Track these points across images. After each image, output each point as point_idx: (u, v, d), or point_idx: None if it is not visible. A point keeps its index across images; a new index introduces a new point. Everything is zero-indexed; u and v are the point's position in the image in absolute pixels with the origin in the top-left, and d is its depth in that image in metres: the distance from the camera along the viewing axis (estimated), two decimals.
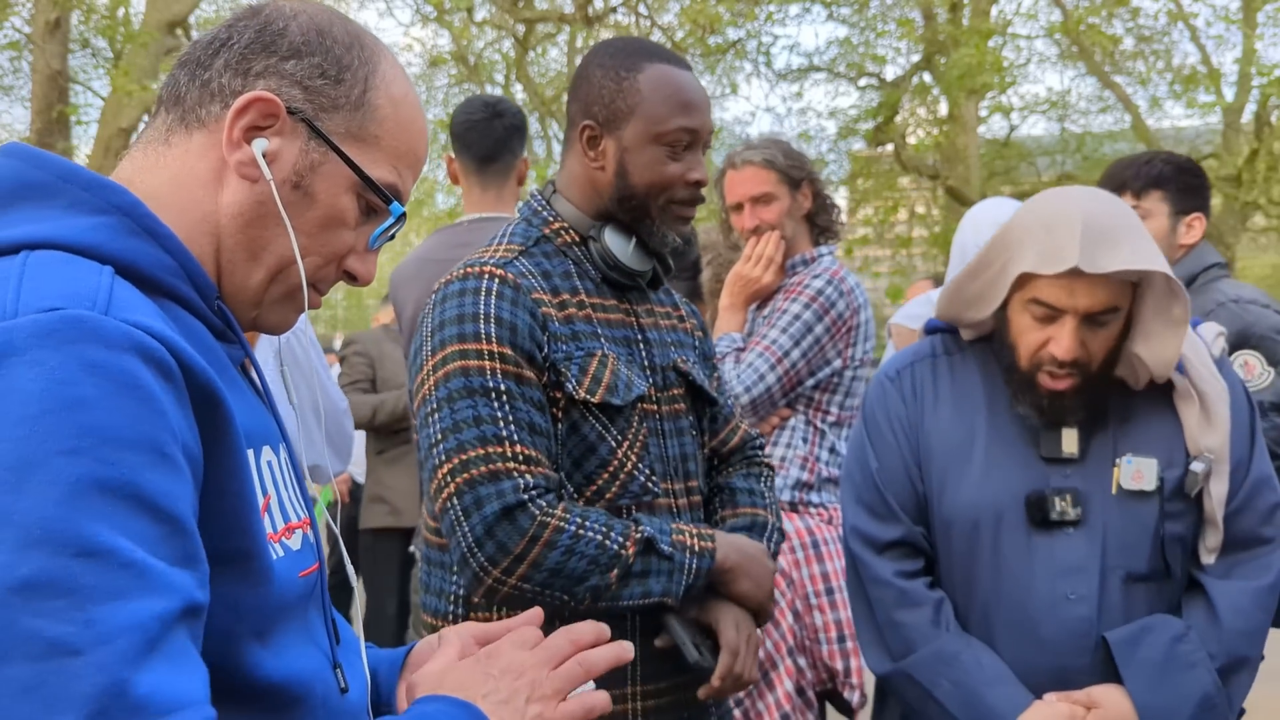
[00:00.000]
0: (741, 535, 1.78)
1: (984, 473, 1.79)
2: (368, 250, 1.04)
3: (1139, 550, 1.72)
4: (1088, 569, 1.71)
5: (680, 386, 1.80)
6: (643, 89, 1.69)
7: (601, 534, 1.59)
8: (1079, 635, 1.71)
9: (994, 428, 1.82)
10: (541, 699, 1.00)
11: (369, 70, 1.01)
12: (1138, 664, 1.66)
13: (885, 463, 1.87)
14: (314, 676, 0.96)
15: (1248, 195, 16.10)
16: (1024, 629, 1.73)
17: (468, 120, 2.77)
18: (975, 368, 1.88)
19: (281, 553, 0.94)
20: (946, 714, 1.74)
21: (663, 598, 1.63)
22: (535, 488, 1.57)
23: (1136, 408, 1.79)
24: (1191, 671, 1.66)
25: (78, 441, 0.76)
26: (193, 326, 0.94)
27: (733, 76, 16.51)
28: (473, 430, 1.57)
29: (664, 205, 1.71)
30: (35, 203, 0.90)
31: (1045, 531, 1.74)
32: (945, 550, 1.83)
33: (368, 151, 1.00)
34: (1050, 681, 1.72)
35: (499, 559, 1.56)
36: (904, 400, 1.89)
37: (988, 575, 1.77)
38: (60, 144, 11.75)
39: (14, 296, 0.80)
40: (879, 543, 1.85)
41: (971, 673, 1.72)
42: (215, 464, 0.87)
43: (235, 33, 0.99)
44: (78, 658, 0.72)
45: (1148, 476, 1.72)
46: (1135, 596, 1.72)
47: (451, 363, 1.60)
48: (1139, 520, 1.73)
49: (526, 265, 1.68)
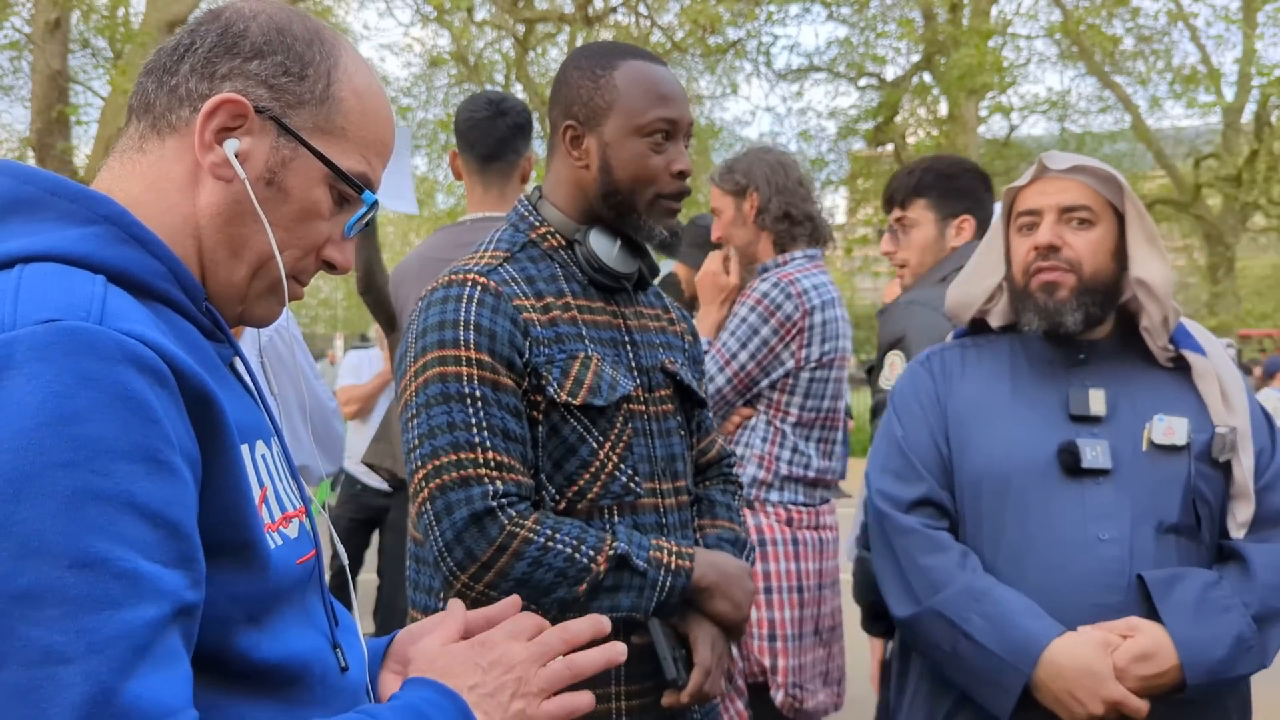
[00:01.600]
0: (724, 552, 1.79)
1: (1011, 430, 1.86)
2: (344, 239, 1.07)
3: (1169, 502, 1.77)
4: (1118, 515, 1.76)
5: (668, 387, 1.81)
6: (619, 84, 1.71)
7: (571, 547, 1.60)
8: (1111, 574, 1.74)
9: (1019, 393, 1.90)
10: (526, 696, 1.02)
11: (331, 64, 1.03)
12: (1174, 602, 1.70)
13: (910, 431, 1.94)
14: (311, 656, 0.99)
15: (1248, 195, 16.14)
16: (1056, 569, 1.76)
17: (471, 118, 2.75)
18: (1003, 349, 1.97)
19: (280, 541, 0.98)
20: (980, 649, 1.74)
21: (631, 613, 1.64)
22: (506, 495, 1.59)
23: (1160, 382, 1.88)
24: (1226, 614, 1.70)
25: (73, 454, 0.79)
26: (183, 328, 0.96)
27: (733, 76, 16.53)
28: (446, 436, 1.59)
29: (651, 199, 1.73)
30: (26, 217, 0.93)
31: (1075, 480, 1.79)
32: (973, 508, 1.86)
33: (336, 143, 1.03)
34: (1084, 617, 1.73)
35: (467, 565, 1.58)
36: (932, 378, 1.98)
37: (1016, 524, 1.81)
38: (60, 144, 11.77)
39: (11, 309, 0.83)
40: (903, 502, 1.89)
41: (1004, 605, 1.74)
42: (211, 462, 0.90)
43: (198, 38, 1.02)
44: (69, 666, 0.76)
45: (1179, 432, 1.80)
46: (1166, 546, 1.76)
47: (431, 369, 1.63)
48: (1169, 473, 1.78)
49: (510, 271, 1.70)
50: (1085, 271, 1.84)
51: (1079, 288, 1.84)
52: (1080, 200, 1.86)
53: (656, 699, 1.69)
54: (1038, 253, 1.85)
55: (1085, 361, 1.89)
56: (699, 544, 1.82)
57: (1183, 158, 18.05)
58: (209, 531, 0.88)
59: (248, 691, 0.93)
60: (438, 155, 16.87)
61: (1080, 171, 1.87)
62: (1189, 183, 17.24)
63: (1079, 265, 1.84)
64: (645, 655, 1.67)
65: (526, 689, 1.02)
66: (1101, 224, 1.86)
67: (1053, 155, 1.92)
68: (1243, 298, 19.41)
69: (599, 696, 1.64)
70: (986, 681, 1.75)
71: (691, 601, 1.70)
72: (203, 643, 0.88)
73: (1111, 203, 1.87)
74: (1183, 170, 17.64)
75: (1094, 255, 1.85)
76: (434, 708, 0.97)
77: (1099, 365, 1.88)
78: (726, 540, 1.84)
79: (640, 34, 15.29)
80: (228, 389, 0.97)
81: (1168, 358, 1.88)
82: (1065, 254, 1.84)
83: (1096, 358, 1.89)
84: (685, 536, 1.78)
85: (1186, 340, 1.88)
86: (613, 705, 1.67)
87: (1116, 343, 1.91)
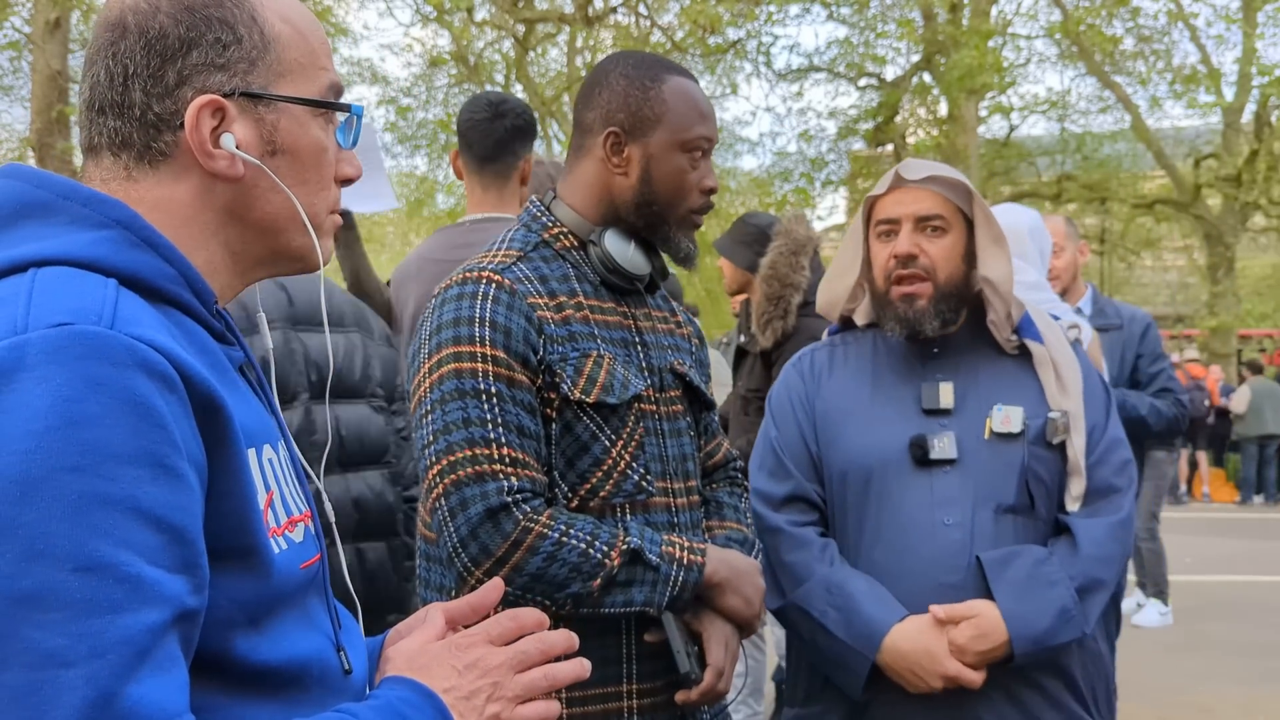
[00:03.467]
0: (735, 550, 1.80)
1: (870, 426, 2.03)
2: (344, 152, 1.09)
3: (1006, 485, 1.96)
4: (962, 500, 1.94)
5: (677, 388, 1.83)
6: (668, 99, 1.74)
7: (586, 542, 1.60)
8: (953, 555, 1.92)
9: (879, 390, 2.08)
10: (501, 700, 1.03)
11: (249, 10, 1.02)
12: (1006, 580, 1.89)
13: (783, 431, 2.11)
14: (311, 659, 0.99)
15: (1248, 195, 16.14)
16: (905, 552, 1.94)
17: (471, 119, 2.75)
18: (867, 346, 2.14)
19: (285, 546, 0.98)
20: (832, 638, 1.92)
21: (645, 607, 1.65)
22: (521, 490, 1.59)
23: (1004, 372, 2.06)
24: (1053, 589, 1.88)
25: (81, 458, 0.79)
26: (194, 332, 0.97)
27: (733, 76, 16.55)
28: (461, 432, 1.60)
29: (684, 214, 1.76)
30: (39, 221, 0.93)
31: (926, 470, 1.97)
32: (840, 501, 2.04)
33: (296, 79, 1.03)
34: (929, 596, 1.91)
35: (481, 560, 1.58)
36: (802, 378, 2.15)
37: (874, 514, 1.99)
38: (60, 144, 11.77)
39: (24, 312, 0.84)
40: (774, 499, 2.05)
41: (853, 596, 1.92)
42: (218, 467, 0.90)
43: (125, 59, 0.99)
44: (70, 669, 0.77)
45: (1014, 420, 1.98)
46: (1004, 526, 1.95)
47: (446, 365, 1.63)
48: (1007, 459, 1.97)
49: (524, 270, 1.71)
50: (940, 277, 2.01)
51: (935, 295, 2.00)
52: (934, 209, 2.01)
53: (668, 697, 1.70)
54: (897, 260, 2.01)
55: (939, 355, 2.06)
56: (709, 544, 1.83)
57: (1183, 158, 18.06)
58: (213, 536, 0.89)
59: (247, 693, 0.93)
60: (438, 155, 16.87)
61: (934, 181, 2.02)
62: (1189, 183, 17.23)
63: (934, 271, 2.00)
64: (658, 653, 1.68)
65: (502, 693, 1.03)
66: (954, 230, 2.03)
67: (908, 164, 2.06)
68: (1243, 298, 19.40)
69: (611, 695, 1.66)
70: (839, 666, 1.95)
71: (704, 598, 1.71)
72: (203, 645, 0.88)
73: (961, 209, 2.03)
74: (1183, 170, 17.64)
75: (947, 261, 2.01)
76: (411, 707, 0.98)
77: (951, 358, 2.06)
78: (735, 540, 1.86)
79: (640, 34, 15.29)
80: (236, 393, 0.98)
81: (1013, 347, 2.06)
82: (921, 261, 2.00)
83: (949, 351, 2.06)
84: (696, 536, 1.79)
85: (1029, 330, 2.06)
86: (625, 704, 1.67)
87: (967, 335, 2.07)
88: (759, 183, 17.19)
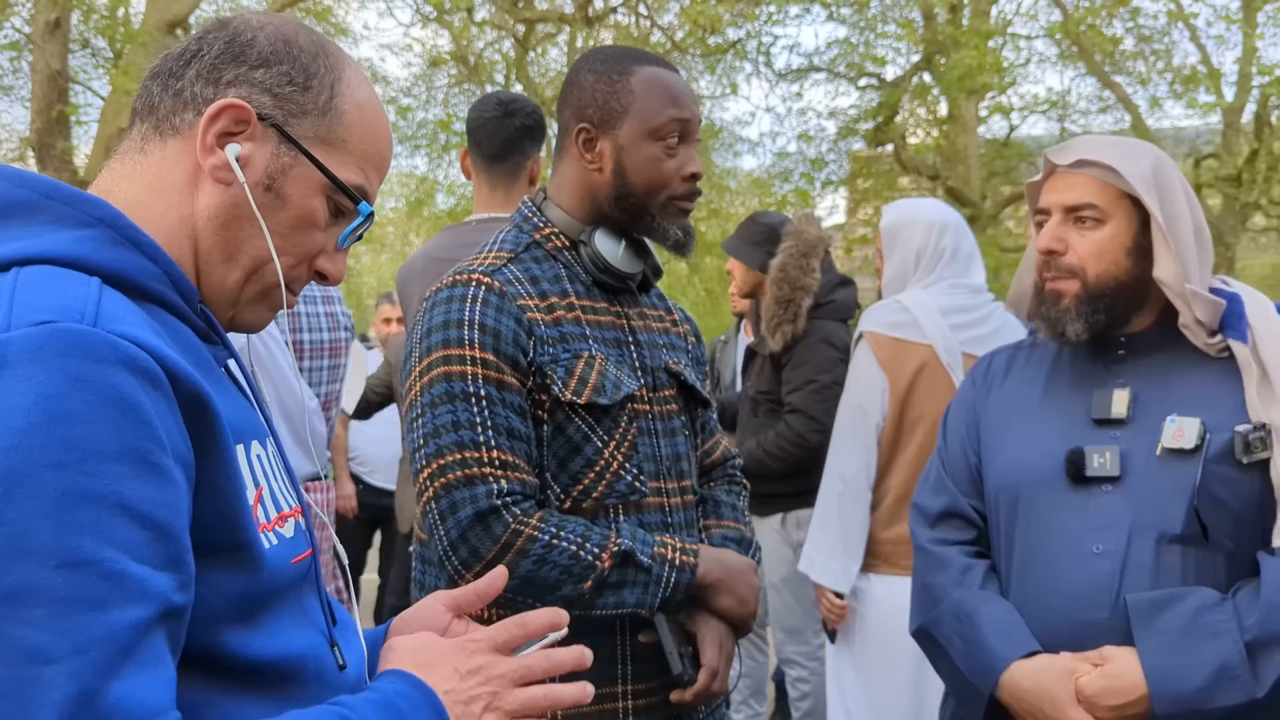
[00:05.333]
0: (729, 549, 1.79)
1: (1032, 437, 1.83)
2: (337, 250, 1.09)
3: (1173, 510, 1.68)
4: (1117, 526, 1.70)
5: (672, 387, 1.82)
6: (635, 89, 1.73)
7: (576, 544, 1.61)
8: (1099, 590, 1.69)
9: (1050, 396, 1.86)
10: (498, 711, 1.03)
11: (335, 77, 1.05)
12: (1155, 628, 1.63)
13: (949, 443, 1.95)
14: (305, 654, 1.00)
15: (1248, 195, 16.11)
16: (1050, 583, 1.74)
17: (480, 118, 2.75)
18: (1052, 350, 1.92)
19: (275, 541, 0.99)
20: (954, 669, 1.79)
21: (637, 609, 1.65)
22: (511, 493, 1.60)
23: (1199, 375, 1.78)
24: (1215, 640, 1.60)
25: (64, 455, 0.80)
26: (178, 330, 0.98)
27: (733, 76, 16.50)
28: (451, 435, 1.61)
29: (664, 202, 1.74)
30: (21, 220, 0.94)
31: (1082, 488, 1.75)
32: (995, 520, 1.86)
33: (335, 155, 1.05)
34: (1069, 634, 1.71)
35: (472, 563, 1.59)
36: (974, 384, 1.98)
37: (1024, 536, 1.80)
38: (60, 144, 11.74)
39: (7, 310, 0.85)
40: (929, 514, 1.92)
41: (980, 625, 1.75)
42: (206, 463, 0.91)
43: (205, 44, 1.04)
44: (53, 666, 0.77)
45: (1188, 434, 1.70)
46: (1168, 559, 1.68)
47: (436, 368, 1.64)
48: (1177, 479, 1.69)
49: (514, 272, 1.71)
50: (1089, 276, 1.77)
51: (1082, 294, 1.77)
52: (1085, 199, 1.77)
53: (663, 698, 1.70)
54: (1041, 257, 1.81)
55: (1125, 357, 1.82)
56: (704, 543, 1.83)
57: (1183, 158, 18.03)
58: (203, 532, 0.89)
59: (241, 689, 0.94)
60: (438, 155, 16.84)
61: (1087, 165, 1.78)
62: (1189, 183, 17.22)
63: (1082, 270, 1.78)
64: (652, 654, 1.68)
65: (500, 704, 1.03)
66: (1113, 221, 1.77)
67: (1063, 147, 1.84)
68: None
69: (606, 696, 1.67)
70: (961, 697, 1.82)
71: (697, 598, 1.71)
72: (195, 641, 0.89)
73: (1132, 195, 1.77)
74: (1183, 170, 17.60)
75: (1099, 258, 1.77)
76: (408, 703, 0.98)
77: (1139, 360, 1.81)
78: (732, 540, 1.85)
79: (640, 34, 15.27)
80: (222, 390, 0.98)
81: (1217, 350, 1.77)
82: (1068, 258, 1.78)
83: (1136, 353, 1.82)
84: (691, 536, 1.78)
85: (1236, 326, 1.76)
86: (620, 705, 1.67)
87: (1161, 335, 1.81)
88: (759, 183, 17.16)
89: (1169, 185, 1.79)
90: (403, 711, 0.97)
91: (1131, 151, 1.80)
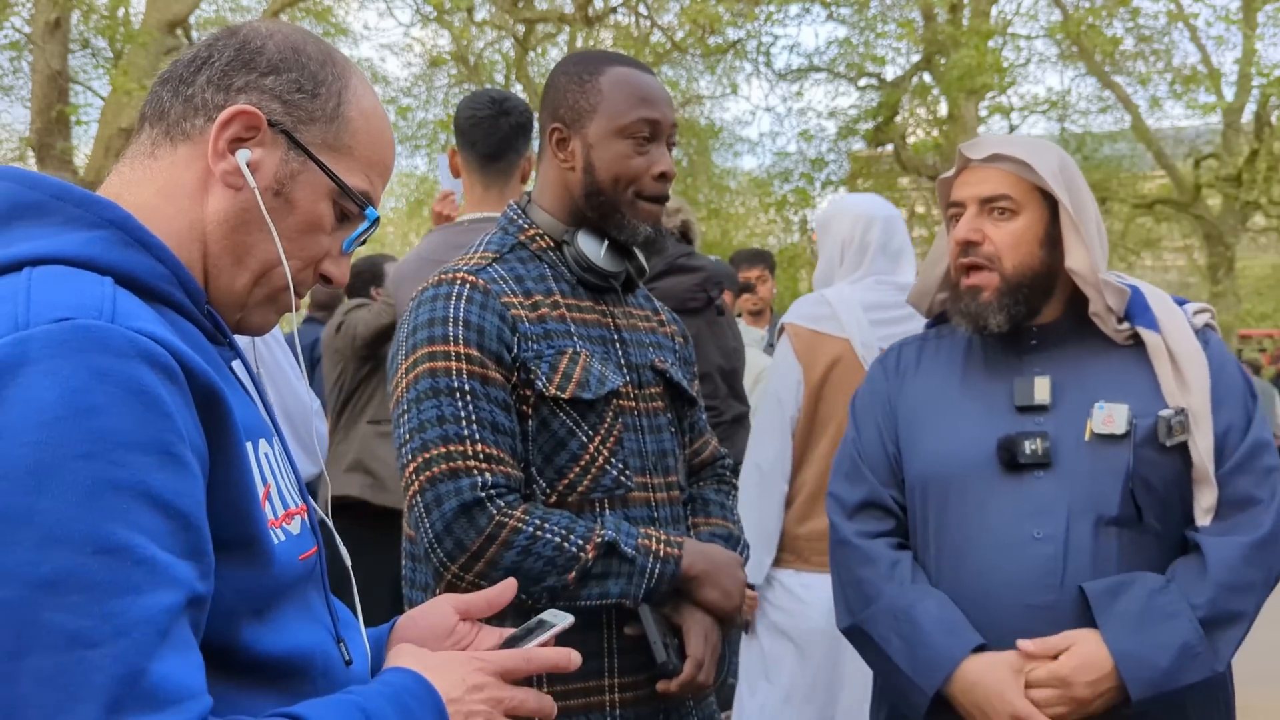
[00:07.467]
0: (716, 544, 1.80)
1: (955, 425, 1.85)
2: (342, 254, 1.11)
3: (1109, 494, 1.72)
4: (1055, 510, 1.73)
5: (658, 385, 1.84)
6: (603, 88, 1.75)
7: (560, 535, 1.62)
8: (1044, 574, 1.71)
9: (968, 385, 1.88)
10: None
11: (341, 85, 1.07)
12: (1115, 614, 1.67)
13: (863, 433, 1.95)
14: (313, 650, 1.02)
15: (1248, 195, 16.12)
16: (990, 571, 1.75)
17: (473, 116, 2.72)
18: (960, 340, 1.94)
19: (283, 537, 1.00)
20: (895, 668, 1.78)
21: (621, 599, 1.66)
22: (495, 486, 1.61)
23: (1113, 363, 1.83)
24: (1171, 621, 1.65)
25: (91, 446, 0.81)
26: (188, 330, 0.99)
27: (733, 76, 16.52)
28: (436, 430, 1.62)
29: (631, 199, 1.76)
30: (32, 221, 0.95)
31: (1015, 475, 1.77)
32: (921, 510, 1.86)
33: (342, 160, 1.07)
34: (1016, 620, 1.72)
35: (456, 555, 1.60)
36: (886, 375, 1.98)
37: (956, 524, 1.80)
38: (60, 144, 11.76)
39: (25, 308, 0.86)
40: (848, 505, 1.90)
41: (919, 623, 1.75)
42: (219, 458, 0.92)
43: (215, 51, 1.05)
44: (96, 649, 0.79)
45: (1118, 420, 1.75)
46: (1106, 541, 1.72)
47: (421, 365, 1.66)
48: (1109, 464, 1.74)
49: (499, 271, 1.73)
50: (1007, 267, 1.80)
51: (1001, 287, 1.80)
52: (999, 190, 1.81)
53: (650, 690, 1.70)
54: (959, 248, 1.84)
55: (1037, 347, 1.85)
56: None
57: (1183, 158, 18.03)
58: (216, 526, 0.90)
59: (252, 684, 0.95)
60: (438, 155, 16.84)
61: (1000, 160, 1.82)
62: (1189, 183, 17.21)
63: (999, 260, 1.81)
64: (639, 647, 1.69)
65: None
66: (1026, 213, 1.81)
67: (975, 143, 1.88)
68: (1243, 298, 19.40)
69: (593, 689, 1.68)
70: (902, 696, 1.80)
71: (682, 591, 1.71)
72: (209, 636, 0.90)
73: (1042, 187, 1.81)
74: (1183, 170, 17.61)
75: (1015, 248, 1.81)
76: (414, 699, 1.00)
77: (1051, 350, 1.84)
78: (720, 537, 1.86)
79: (640, 34, 15.29)
80: (231, 389, 1.00)
81: (1125, 337, 1.82)
82: (985, 248, 1.81)
83: (1049, 342, 1.85)
84: (678, 532, 1.79)
85: (1143, 315, 1.81)
86: (606, 697, 1.68)
87: (1071, 323, 1.85)
88: (759, 183, 17.18)
89: (1074, 180, 1.84)
90: (410, 709, 0.99)
91: (1040, 148, 1.86)
